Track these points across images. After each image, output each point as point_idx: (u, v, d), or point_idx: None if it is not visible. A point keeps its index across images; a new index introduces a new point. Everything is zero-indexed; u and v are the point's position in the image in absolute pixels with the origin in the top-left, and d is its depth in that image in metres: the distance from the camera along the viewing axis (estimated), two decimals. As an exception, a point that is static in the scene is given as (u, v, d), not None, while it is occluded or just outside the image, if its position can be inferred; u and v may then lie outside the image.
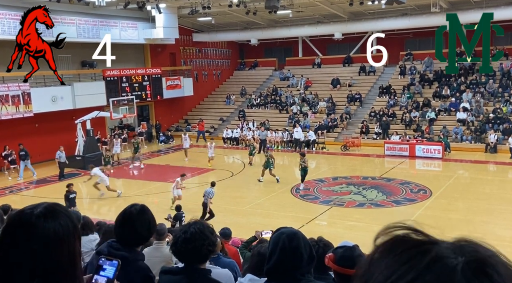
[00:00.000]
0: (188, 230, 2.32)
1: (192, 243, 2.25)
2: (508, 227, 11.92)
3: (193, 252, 2.26)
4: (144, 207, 2.43)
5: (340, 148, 23.14)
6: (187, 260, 2.27)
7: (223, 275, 2.59)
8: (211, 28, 31.93)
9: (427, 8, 24.11)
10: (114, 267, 1.49)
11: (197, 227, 2.32)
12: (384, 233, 0.71)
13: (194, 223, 2.37)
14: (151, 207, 9.95)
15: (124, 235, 2.31)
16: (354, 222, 12.78)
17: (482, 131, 21.91)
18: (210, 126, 29.34)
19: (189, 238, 2.28)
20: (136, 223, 2.30)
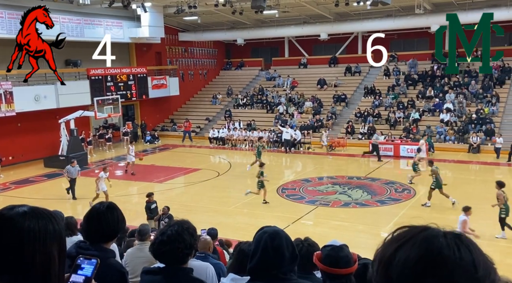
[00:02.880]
0: (165, 232, 2.32)
1: (168, 245, 2.25)
2: (489, 226, 12.11)
3: (169, 254, 2.26)
4: (112, 204, 2.41)
5: (325, 148, 23.26)
6: (164, 261, 2.27)
7: (201, 268, 2.59)
8: (197, 28, 31.81)
9: (411, 9, 24.40)
10: (92, 265, 1.47)
11: (175, 229, 2.31)
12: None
13: (173, 224, 2.36)
14: (135, 207, 9.89)
15: (91, 232, 2.29)
16: (340, 222, 12.86)
17: (465, 132, 22.26)
18: (196, 126, 29.24)
19: (165, 241, 2.27)
20: (103, 220, 2.28)
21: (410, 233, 0.94)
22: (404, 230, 0.96)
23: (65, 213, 6.61)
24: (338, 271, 1.97)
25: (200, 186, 17.44)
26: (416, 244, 0.91)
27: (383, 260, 0.94)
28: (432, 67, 27.38)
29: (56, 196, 16.49)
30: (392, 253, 0.92)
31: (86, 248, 2.20)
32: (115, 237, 2.36)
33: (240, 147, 25.40)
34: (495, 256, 3.60)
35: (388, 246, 0.95)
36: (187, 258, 2.31)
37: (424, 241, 0.91)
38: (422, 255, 0.89)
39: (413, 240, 0.91)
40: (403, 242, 0.92)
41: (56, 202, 15.37)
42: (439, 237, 0.91)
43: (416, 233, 0.93)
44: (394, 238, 0.95)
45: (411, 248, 0.90)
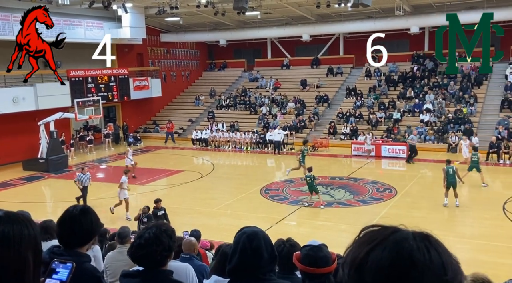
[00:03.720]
0: (143, 235, 2.30)
1: (146, 249, 2.23)
2: (467, 224, 12.39)
3: (148, 257, 2.24)
4: (86, 207, 2.38)
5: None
6: (143, 265, 2.25)
7: (180, 269, 2.58)
8: (179, 29, 31.66)
9: (391, 11, 24.75)
10: (68, 269, 1.45)
11: (153, 231, 2.29)
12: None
13: (151, 227, 2.35)
14: (117, 210, 9.75)
15: (65, 237, 2.26)
16: (323, 222, 12.96)
17: (444, 132, 22.66)
18: (179, 127, 29.08)
19: (143, 244, 2.26)
20: (77, 224, 2.24)
21: (380, 235, 0.95)
22: (374, 232, 0.97)
23: (46, 217, 6.50)
24: (316, 271, 1.99)
25: (183, 188, 17.36)
26: (387, 247, 0.92)
27: (354, 263, 0.94)
28: (412, 68, 27.81)
29: (36, 199, 16.21)
30: (364, 256, 0.93)
31: (60, 253, 2.16)
32: (90, 241, 2.33)
33: (224, 148, 25.37)
34: (469, 253, 3.69)
35: (359, 248, 0.95)
36: (166, 260, 2.30)
37: (395, 244, 0.92)
38: (393, 258, 0.90)
39: (384, 243, 0.92)
40: (374, 245, 0.93)
41: (36, 206, 15.10)
42: (409, 239, 0.92)
43: (387, 236, 0.94)
44: (364, 240, 0.96)
45: (382, 251, 0.91)
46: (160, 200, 12.21)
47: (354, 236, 1.02)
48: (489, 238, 11.22)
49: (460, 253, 8.32)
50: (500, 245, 10.74)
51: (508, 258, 9.87)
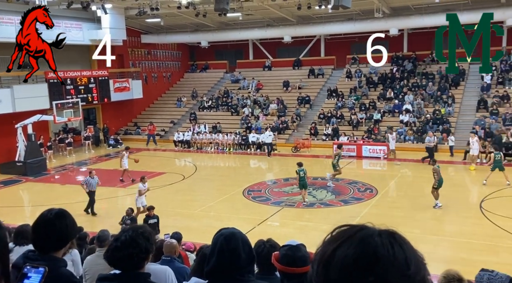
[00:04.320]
0: (119, 238, 2.28)
1: (123, 251, 2.21)
2: (447, 223, 12.61)
3: (124, 260, 2.22)
4: (62, 210, 2.33)
5: (291, 149, 23.50)
6: (120, 268, 2.23)
7: (160, 272, 2.57)
8: (160, 30, 31.44)
9: (371, 13, 25.06)
10: (40, 274, 1.43)
11: (129, 234, 2.27)
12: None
13: (127, 230, 2.33)
14: (98, 213, 9.64)
15: (40, 241, 2.21)
16: (305, 222, 13.02)
17: (423, 132, 23.04)
18: (160, 129, 28.87)
19: (119, 247, 2.23)
20: (51, 228, 2.20)
21: (347, 233, 0.98)
22: (342, 230, 1.00)
23: (24, 222, 6.38)
24: (294, 270, 2.00)
25: (165, 190, 17.22)
26: (353, 244, 0.94)
27: (322, 260, 0.96)
28: (392, 70, 28.20)
29: (13, 203, 15.87)
30: (331, 253, 0.95)
31: (34, 258, 2.11)
32: (66, 245, 2.29)
33: (206, 149, 25.28)
34: (449, 251, 3.75)
35: (327, 246, 0.98)
36: (143, 263, 2.28)
37: (361, 240, 0.94)
38: (358, 254, 0.92)
39: (351, 240, 0.95)
40: (341, 242, 0.96)
41: (14, 210, 14.79)
42: (374, 236, 0.95)
43: (353, 233, 0.97)
44: (333, 238, 0.99)
45: (348, 248, 0.94)
46: (153, 207, 11.54)
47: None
48: (468, 236, 11.45)
49: (440, 251, 8.40)
50: (478, 243, 10.97)
51: (486, 255, 10.08)
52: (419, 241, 10.78)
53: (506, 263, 9.29)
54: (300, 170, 14.44)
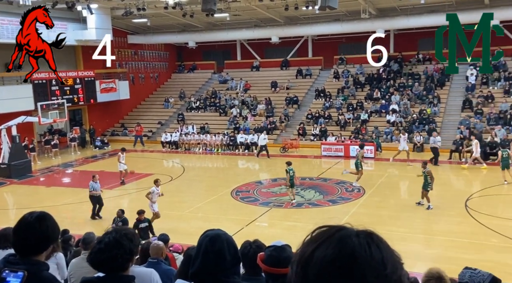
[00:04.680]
0: (103, 239, 2.25)
1: (106, 253, 2.19)
2: (433, 222, 12.74)
3: (108, 262, 2.20)
4: (43, 213, 2.29)
5: (279, 149, 23.54)
6: (104, 270, 2.20)
7: (145, 275, 2.54)
8: (147, 30, 31.26)
9: (357, 14, 25.24)
10: (19, 278, 1.41)
11: (113, 236, 2.25)
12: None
13: (110, 232, 2.30)
14: (84, 215, 9.52)
15: (20, 245, 2.18)
16: (293, 222, 13.04)
17: (409, 132, 23.26)
18: (148, 130, 28.69)
19: (103, 248, 2.21)
20: (32, 231, 2.18)
21: (326, 234, 0.98)
22: (322, 231, 1.00)
23: (8, 225, 6.28)
24: (279, 271, 2.00)
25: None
26: (332, 244, 0.95)
27: (301, 261, 0.97)
28: (378, 70, 28.42)
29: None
30: (310, 254, 0.96)
31: (16, 262, 2.07)
32: (47, 248, 2.26)
33: (194, 150, 25.20)
34: (435, 250, 3.78)
35: (306, 246, 0.99)
36: (127, 264, 2.26)
37: (339, 241, 0.95)
38: (336, 255, 0.93)
39: (329, 241, 0.96)
40: (320, 243, 0.97)
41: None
42: (352, 236, 0.96)
43: (332, 234, 0.98)
44: (312, 239, 0.99)
45: (326, 248, 0.95)
46: (143, 211, 11.24)
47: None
48: (453, 235, 11.58)
49: (426, 249, 8.47)
50: (464, 241, 11.11)
51: (471, 254, 10.22)
52: (405, 240, 10.90)
53: (490, 261, 9.44)
54: (290, 169, 14.66)
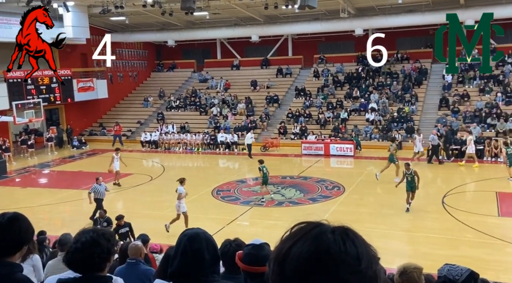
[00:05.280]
0: (79, 239, 2.22)
1: (83, 252, 2.16)
2: (411, 218, 12.94)
3: (85, 262, 2.16)
4: (16, 214, 2.25)
5: (260, 148, 23.56)
6: (80, 270, 2.17)
7: None
8: (125, 28, 30.85)
9: (337, 13, 25.44)
10: None
11: (90, 235, 2.22)
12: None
13: (87, 231, 2.27)
14: (61, 216, 9.35)
15: None
16: (274, 221, 13.08)
17: (388, 130, 23.61)
18: (127, 129, 28.34)
19: (80, 248, 2.18)
20: (4, 233, 2.13)
21: (303, 231, 0.99)
22: (299, 228, 1.01)
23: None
24: (257, 269, 1.99)
25: (132, 191, 16.93)
26: (308, 241, 0.96)
27: (278, 258, 0.98)
28: (357, 69, 28.73)
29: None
30: (287, 251, 0.97)
31: None
32: (20, 250, 2.20)
33: (174, 149, 25.01)
34: (412, 246, 3.83)
35: (283, 244, 0.99)
36: (105, 264, 2.22)
37: (315, 238, 0.96)
38: (312, 251, 0.94)
39: (305, 237, 0.97)
40: (296, 239, 0.97)
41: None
42: (327, 233, 0.97)
43: (308, 230, 0.99)
44: (289, 236, 1.00)
45: (302, 245, 0.96)
46: (122, 216, 10.78)
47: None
48: (430, 231, 11.81)
49: (403, 245, 8.60)
50: (440, 237, 11.33)
51: (447, 249, 10.42)
52: (385, 237, 11.05)
53: (465, 256, 9.66)
54: (263, 167, 14.87)
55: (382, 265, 1.02)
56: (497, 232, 11.35)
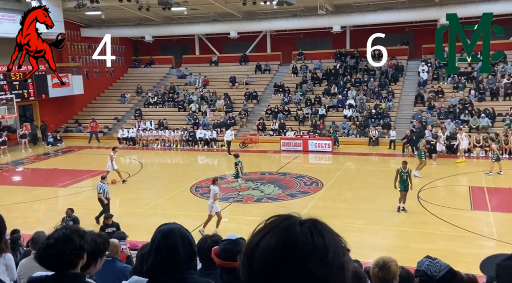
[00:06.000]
0: (52, 235, 2.18)
1: (55, 248, 2.12)
2: (389, 214, 13.16)
3: (57, 258, 2.13)
4: None
5: (238, 145, 23.54)
6: (52, 267, 2.13)
7: None
8: (101, 23, 30.30)
9: (315, 10, 25.58)
10: None
11: (63, 232, 2.18)
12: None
13: (61, 228, 2.23)
14: (36, 214, 9.19)
15: None
16: (253, 217, 13.09)
17: (365, 126, 23.92)
18: (104, 126, 27.90)
19: (52, 244, 2.14)
20: None
21: (273, 224, 1.00)
22: (269, 221, 1.02)
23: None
24: (233, 265, 1.99)
25: (109, 188, 16.64)
26: (276, 233, 0.97)
27: (247, 251, 0.99)
28: (335, 66, 28.97)
29: None
30: (256, 244, 0.98)
31: None
32: None
33: (152, 146, 24.76)
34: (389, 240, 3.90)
35: (253, 237, 1.01)
36: (77, 260, 2.19)
37: (283, 230, 0.97)
38: (279, 244, 0.95)
39: (274, 230, 0.98)
40: (265, 232, 0.99)
41: None
42: (296, 225, 0.98)
43: (278, 223, 1.00)
44: (259, 229, 1.02)
45: (271, 238, 0.97)
46: (111, 215, 10.53)
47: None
48: (406, 225, 12.04)
49: (381, 239, 8.74)
50: (415, 231, 11.57)
51: (422, 243, 10.65)
52: (362, 232, 11.22)
53: (440, 249, 9.89)
54: (239, 161, 15.05)
55: (350, 257, 1.03)
56: (470, 225, 11.66)
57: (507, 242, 10.45)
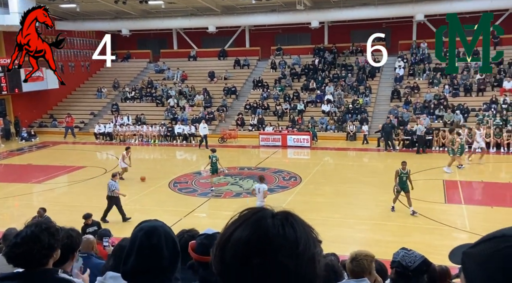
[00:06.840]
0: (20, 233, 2.13)
1: (22, 247, 2.07)
2: (365, 208, 13.36)
3: (24, 257, 2.08)
4: None
5: (217, 140, 23.47)
6: (21, 266, 2.08)
7: None
8: (76, 16, 29.65)
9: (293, 5, 25.63)
10: None
11: (31, 229, 2.12)
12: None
13: (30, 225, 2.18)
14: (9, 211, 9.01)
15: None
16: (232, 212, 12.97)
17: (343, 121, 24.17)
18: (79, 121, 27.40)
19: (19, 242, 2.09)
20: None
21: (245, 216, 1.01)
22: (242, 214, 1.03)
23: None
24: (209, 259, 1.95)
25: (85, 185, 16.41)
26: (248, 226, 0.98)
27: (220, 244, 1.00)
28: (314, 61, 29.13)
29: None
30: (228, 237, 0.99)
31: None
32: None
33: (130, 141, 24.44)
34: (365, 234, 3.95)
35: (226, 230, 1.01)
36: (46, 260, 2.13)
37: (254, 222, 0.98)
38: (251, 236, 0.96)
39: (246, 223, 0.99)
40: (238, 225, 0.99)
41: None
42: (267, 218, 0.99)
43: (250, 216, 1.00)
44: (232, 222, 1.02)
45: (243, 230, 0.97)
46: (90, 214, 10.21)
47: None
48: (383, 219, 12.24)
49: (357, 233, 8.85)
50: (392, 224, 11.78)
51: (398, 236, 10.86)
52: (340, 226, 11.37)
53: (416, 242, 10.10)
54: (213, 156, 15.09)
55: (322, 248, 1.05)
56: (444, 218, 11.95)
57: (479, 234, 10.72)
